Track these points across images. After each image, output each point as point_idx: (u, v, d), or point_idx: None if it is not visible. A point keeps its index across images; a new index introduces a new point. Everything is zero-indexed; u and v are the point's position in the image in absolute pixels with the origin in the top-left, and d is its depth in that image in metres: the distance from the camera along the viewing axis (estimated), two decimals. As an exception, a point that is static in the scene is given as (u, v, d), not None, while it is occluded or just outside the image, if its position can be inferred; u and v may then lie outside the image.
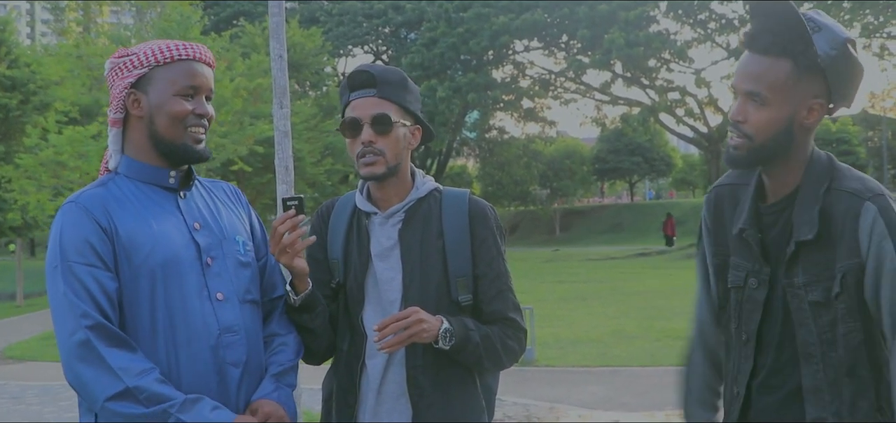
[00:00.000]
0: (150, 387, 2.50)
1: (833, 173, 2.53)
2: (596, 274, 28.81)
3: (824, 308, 2.48)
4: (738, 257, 2.65)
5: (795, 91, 2.45)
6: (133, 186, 2.72)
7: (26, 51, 33.94)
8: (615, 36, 41.46)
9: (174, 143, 2.69)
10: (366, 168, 2.86)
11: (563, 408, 9.51)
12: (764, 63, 2.45)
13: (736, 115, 2.50)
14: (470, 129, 56.23)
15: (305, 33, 40.05)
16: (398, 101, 2.90)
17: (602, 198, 79.97)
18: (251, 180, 31.54)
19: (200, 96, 2.72)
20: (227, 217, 2.86)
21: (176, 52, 2.70)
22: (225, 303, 2.72)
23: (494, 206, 3.34)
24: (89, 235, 2.59)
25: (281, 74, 6.20)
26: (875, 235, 2.41)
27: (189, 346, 2.64)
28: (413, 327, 2.71)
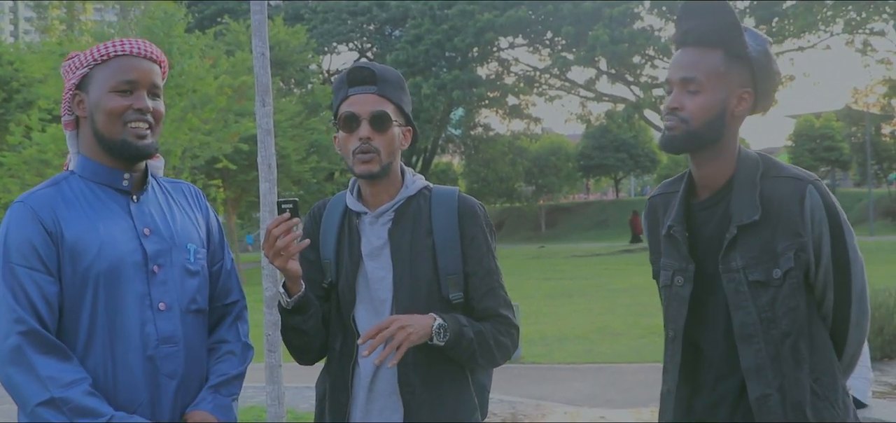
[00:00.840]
0: (77, 399, 2.48)
1: (766, 163, 2.70)
2: (581, 271, 28.84)
3: (764, 288, 2.60)
4: (667, 256, 2.79)
5: (727, 79, 2.63)
6: (86, 187, 2.70)
7: (9, 48, 33.77)
8: (599, 33, 41.59)
9: (114, 140, 2.66)
10: (362, 166, 2.86)
11: (549, 405, 9.51)
12: (698, 53, 2.63)
13: (672, 103, 2.66)
14: (455, 126, 56.23)
15: (290, 31, 40.02)
16: (396, 100, 2.92)
17: (587, 194, 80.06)
18: (236, 178, 31.56)
19: (140, 91, 2.68)
20: (180, 223, 2.82)
21: (112, 49, 2.69)
22: (166, 313, 2.69)
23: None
24: (33, 237, 2.57)
25: (263, 72, 6.16)
26: (816, 218, 2.59)
27: (125, 355, 2.62)
28: (397, 336, 2.69)
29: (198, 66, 20.89)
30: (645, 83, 46.33)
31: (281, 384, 6.33)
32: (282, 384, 6.34)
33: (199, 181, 26.74)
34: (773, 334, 2.59)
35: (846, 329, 2.70)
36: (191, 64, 19.98)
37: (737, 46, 2.63)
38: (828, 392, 2.62)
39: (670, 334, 2.79)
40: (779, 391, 2.58)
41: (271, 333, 6.23)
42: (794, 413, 2.57)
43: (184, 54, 19.63)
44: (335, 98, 2.98)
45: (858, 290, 2.68)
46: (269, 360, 6.28)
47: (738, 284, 2.62)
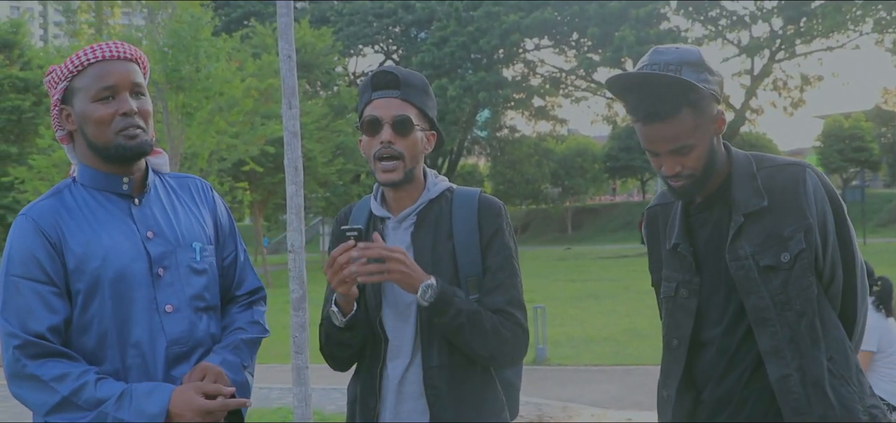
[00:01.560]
0: (89, 391, 2.49)
1: (757, 158, 2.79)
2: (608, 272, 28.73)
3: (774, 272, 2.64)
4: (670, 269, 2.85)
5: (703, 121, 2.67)
6: (87, 195, 2.69)
7: (39, 53, 34.13)
8: (625, 33, 41.48)
9: (107, 147, 2.63)
10: (385, 174, 2.85)
11: (576, 407, 9.52)
12: (672, 124, 2.65)
13: (671, 170, 2.70)
14: (481, 127, 56.24)
15: (316, 33, 40.15)
16: (419, 105, 2.90)
17: (614, 196, 79.77)
18: (262, 180, 31.69)
19: (122, 94, 2.64)
20: (185, 221, 2.80)
21: (85, 57, 2.65)
22: (174, 315, 2.68)
23: (506, 204, 3.30)
24: (36, 250, 2.57)
25: (290, 75, 6.17)
26: (818, 199, 2.68)
27: (136, 360, 2.61)
28: (391, 264, 2.68)
29: (224, 69, 20.97)
30: (671, 84, 46.17)
31: (308, 385, 6.34)
32: (309, 385, 6.34)
33: (225, 184, 26.94)
34: (787, 315, 2.63)
35: (855, 305, 2.78)
36: (218, 67, 20.05)
37: (693, 96, 2.65)
38: (842, 370, 2.66)
39: (674, 344, 2.84)
40: (798, 370, 2.62)
41: (298, 334, 6.23)
42: (815, 392, 2.61)
43: (211, 57, 19.69)
44: (360, 102, 2.97)
45: (859, 264, 2.79)
46: (295, 361, 6.28)
47: (747, 270, 2.66)
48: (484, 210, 2.93)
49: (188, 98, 19.20)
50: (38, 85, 30.67)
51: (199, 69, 19.34)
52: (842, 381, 2.64)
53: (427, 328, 2.84)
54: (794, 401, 2.61)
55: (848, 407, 2.63)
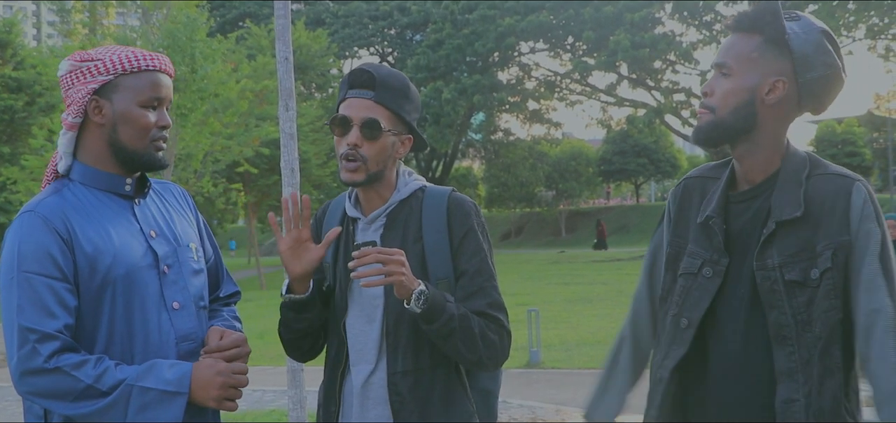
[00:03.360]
0: (110, 375, 2.51)
1: (813, 162, 2.59)
2: (601, 276, 28.70)
3: (801, 288, 2.49)
4: (696, 245, 2.65)
5: (759, 64, 2.54)
6: (89, 194, 2.68)
7: (32, 52, 34.10)
8: (621, 37, 41.47)
9: (137, 152, 2.67)
10: (346, 173, 2.80)
11: (569, 410, 9.51)
12: (735, 38, 2.59)
13: (705, 88, 2.62)
14: (475, 130, 56.25)
15: (311, 35, 40.20)
16: (394, 107, 2.82)
17: (607, 200, 79.87)
18: (257, 182, 31.71)
19: (162, 107, 2.71)
20: (180, 224, 2.84)
21: (143, 61, 2.67)
22: (181, 311, 2.71)
23: (500, 207, 3.28)
24: (49, 246, 2.55)
25: (287, 76, 6.17)
26: (865, 215, 2.47)
27: (145, 357, 2.62)
28: (392, 267, 2.61)
29: (220, 70, 20.98)
30: (666, 88, 46.14)
31: (302, 387, 6.33)
32: (303, 387, 6.34)
33: (220, 185, 26.93)
34: (806, 337, 2.48)
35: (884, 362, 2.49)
36: (213, 68, 20.06)
37: (774, 31, 2.54)
38: (855, 409, 2.53)
39: (683, 323, 2.64)
40: (806, 397, 2.46)
41: None
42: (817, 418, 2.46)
43: (206, 59, 19.70)
44: (338, 98, 2.93)
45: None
46: (290, 364, 6.28)
47: (773, 282, 2.50)
48: (454, 211, 2.86)
49: (183, 99, 19.18)
50: (31, 85, 30.62)
51: (194, 70, 19.35)
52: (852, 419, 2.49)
53: (393, 333, 2.80)
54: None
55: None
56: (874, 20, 41.49)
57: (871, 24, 41.71)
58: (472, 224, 2.85)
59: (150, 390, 2.51)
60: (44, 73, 29.11)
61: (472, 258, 2.82)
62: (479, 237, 2.86)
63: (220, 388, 2.59)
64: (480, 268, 2.82)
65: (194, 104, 19.68)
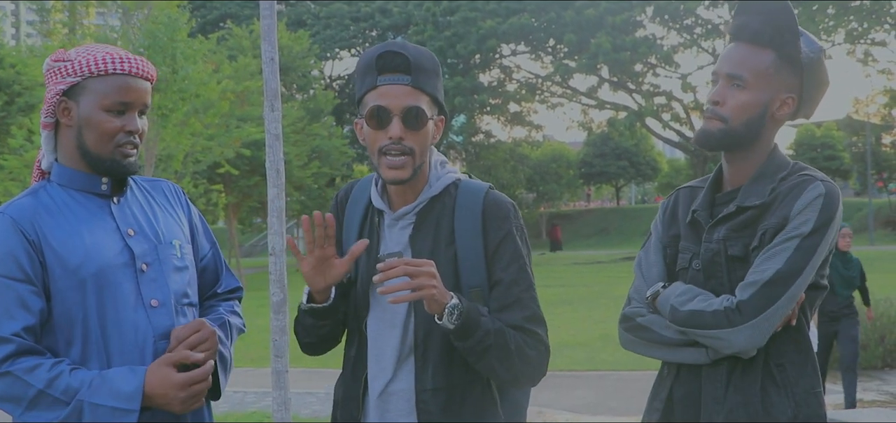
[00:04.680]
0: (63, 381, 2.46)
1: (796, 167, 2.65)
2: (582, 278, 28.86)
3: (741, 263, 2.58)
4: (686, 241, 2.73)
5: (774, 81, 2.59)
6: (65, 194, 2.66)
7: (11, 52, 33.80)
8: (602, 40, 41.71)
9: (101, 158, 2.62)
10: (391, 172, 2.54)
11: (551, 412, 9.54)
12: (749, 50, 2.59)
13: (715, 96, 2.62)
14: (456, 132, 56.23)
15: (293, 36, 40.11)
16: (431, 91, 2.60)
17: (588, 202, 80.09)
18: (238, 183, 31.60)
19: (132, 112, 2.63)
20: (163, 221, 2.79)
21: (111, 64, 2.60)
22: (160, 309, 2.66)
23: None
24: (14, 248, 2.53)
25: (272, 77, 6.12)
26: (810, 207, 2.51)
27: (122, 355, 2.58)
28: (423, 279, 2.39)
29: (201, 71, 20.91)
30: (647, 91, 46.43)
31: (287, 389, 6.28)
32: (288, 389, 6.29)
33: (200, 186, 26.83)
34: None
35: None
36: (194, 69, 20.00)
37: (790, 50, 2.58)
38: (785, 378, 2.59)
39: None
40: (729, 361, 2.59)
41: (278, 338, 6.17)
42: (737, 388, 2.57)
43: (187, 59, 19.63)
44: (360, 84, 2.64)
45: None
46: (275, 365, 6.21)
47: (715, 254, 2.62)
48: (490, 212, 2.62)
49: (164, 99, 19.09)
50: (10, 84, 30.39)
51: (175, 71, 19.26)
52: (777, 388, 2.57)
53: (423, 346, 2.59)
54: (715, 390, 2.59)
55: (770, 413, 2.55)
56: (853, 25, 41.87)
57: (851, 28, 42.09)
58: (510, 228, 2.62)
59: (100, 406, 2.46)
60: (23, 72, 28.92)
61: (509, 266, 2.59)
62: (517, 243, 2.63)
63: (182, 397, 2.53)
64: (517, 277, 2.59)
65: (175, 105, 19.59)
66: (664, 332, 2.65)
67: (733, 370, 2.58)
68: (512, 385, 2.67)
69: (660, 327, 2.67)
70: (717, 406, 2.58)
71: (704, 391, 2.62)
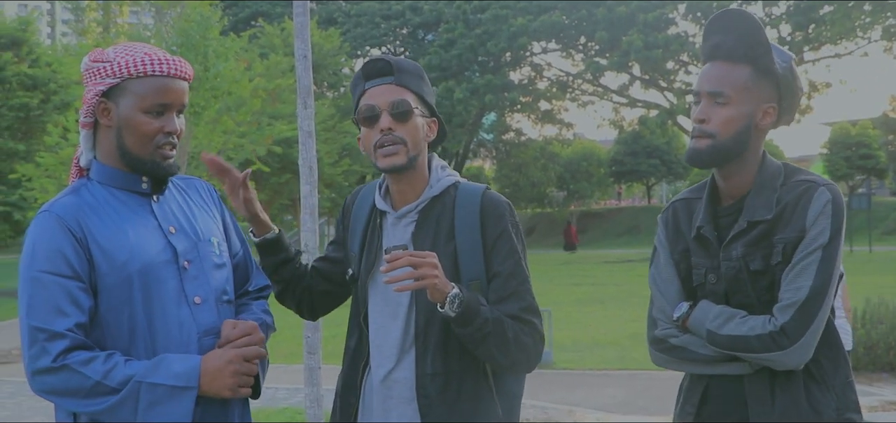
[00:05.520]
0: (119, 371, 2.50)
1: (789, 171, 2.76)
2: (613, 277, 28.77)
3: (762, 275, 2.68)
4: (697, 256, 2.83)
5: (754, 93, 2.70)
6: (106, 192, 2.68)
7: (47, 50, 34.27)
8: (633, 38, 41.51)
9: (141, 159, 2.65)
10: (385, 159, 2.74)
11: (582, 411, 9.56)
12: (726, 67, 2.70)
13: (699, 115, 2.72)
14: (487, 130, 56.27)
15: (324, 34, 40.29)
16: (416, 89, 2.81)
17: (619, 201, 79.76)
18: (269, 181, 31.76)
19: (171, 113, 2.66)
20: (201, 219, 2.83)
21: (150, 66, 2.62)
22: (203, 306, 2.70)
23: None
24: (62, 245, 2.56)
25: (305, 74, 6.20)
26: (822, 214, 2.62)
27: (167, 351, 2.61)
28: (425, 270, 2.55)
29: (233, 68, 21.00)
30: (678, 89, 46.14)
31: (320, 386, 6.38)
32: (321, 386, 6.38)
33: (232, 183, 26.91)
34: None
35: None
36: (226, 67, 20.09)
37: (764, 62, 2.69)
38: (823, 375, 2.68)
39: None
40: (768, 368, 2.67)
41: (311, 335, 6.30)
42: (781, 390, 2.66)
43: (219, 57, 19.71)
44: (354, 96, 2.89)
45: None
46: (308, 362, 6.35)
47: (737, 271, 2.71)
48: (488, 210, 2.80)
49: (196, 97, 19.15)
50: (46, 82, 30.76)
51: (207, 69, 19.31)
52: (818, 385, 2.65)
53: (423, 334, 2.75)
54: (761, 393, 2.66)
55: (817, 410, 2.64)
56: (891, 21, 41.45)
57: (888, 25, 41.67)
58: (506, 225, 2.78)
59: (158, 386, 2.51)
60: (59, 70, 29.23)
61: (506, 260, 2.75)
62: (513, 239, 2.79)
63: (232, 375, 2.59)
64: (514, 271, 2.75)
65: (207, 102, 19.66)
66: (701, 350, 2.74)
67: (776, 373, 2.66)
68: (509, 371, 2.80)
69: (696, 346, 2.76)
70: (766, 409, 2.65)
71: (749, 394, 2.69)
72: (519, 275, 2.77)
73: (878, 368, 10.77)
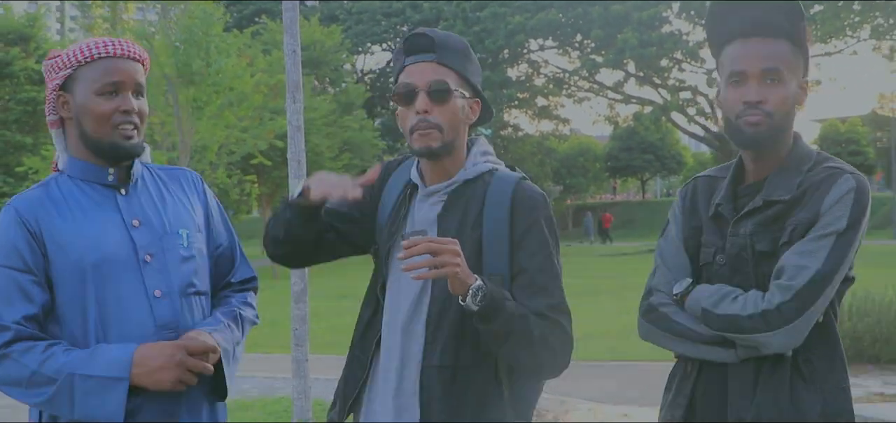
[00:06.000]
0: (57, 360, 2.51)
1: (820, 158, 2.61)
2: (607, 269, 28.64)
3: (768, 258, 2.53)
4: (710, 235, 2.66)
5: (795, 69, 2.56)
6: (74, 186, 2.68)
7: (55, 46, 34.37)
8: (628, 36, 41.70)
9: (102, 142, 2.64)
10: (419, 141, 2.57)
11: (573, 401, 9.48)
12: (770, 44, 2.53)
13: (755, 96, 2.51)
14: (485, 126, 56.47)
15: (325, 31, 40.37)
16: (458, 69, 2.62)
17: (614, 195, 79.93)
18: (271, 174, 31.80)
19: (125, 92, 2.64)
20: (172, 210, 2.78)
21: (96, 50, 2.63)
22: (163, 300, 2.65)
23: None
24: (16, 239, 2.57)
25: (294, 69, 6.14)
26: (840, 202, 2.46)
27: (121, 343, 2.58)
28: (446, 257, 2.34)
29: (235, 64, 21.16)
30: (672, 86, 46.38)
31: (307, 378, 6.33)
32: (308, 378, 6.34)
33: (234, 177, 27.11)
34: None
35: None
36: (228, 62, 20.29)
37: (800, 37, 2.55)
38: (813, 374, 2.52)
39: None
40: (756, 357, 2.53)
41: (298, 327, 6.24)
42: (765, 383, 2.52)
43: (221, 53, 19.89)
44: (394, 69, 2.71)
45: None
46: (295, 354, 6.29)
47: (742, 248, 2.56)
48: (519, 202, 2.60)
49: (199, 92, 19.41)
50: (52, 77, 30.97)
51: (209, 64, 19.43)
52: (806, 384, 2.51)
53: (435, 324, 2.57)
54: (743, 387, 2.53)
55: (800, 409, 2.49)
56: (879, 21, 41.56)
57: (876, 24, 41.78)
58: (538, 217, 2.59)
59: (90, 377, 2.49)
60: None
61: (535, 255, 2.55)
62: (545, 232, 2.58)
63: (172, 367, 2.54)
64: (543, 265, 2.56)
65: (209, 97, 19.85)
66: (694, 326, 2.57)
67: (761, 367, 2.51)
68: (534, 373, 2.62)
69: (687, 321, 2.60)
70: (745, 404, 2.51)
71: (731, 388, 2.54)
72: (549, 270, 2.57)
73: (864, 360, 10.59)
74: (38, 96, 30.88)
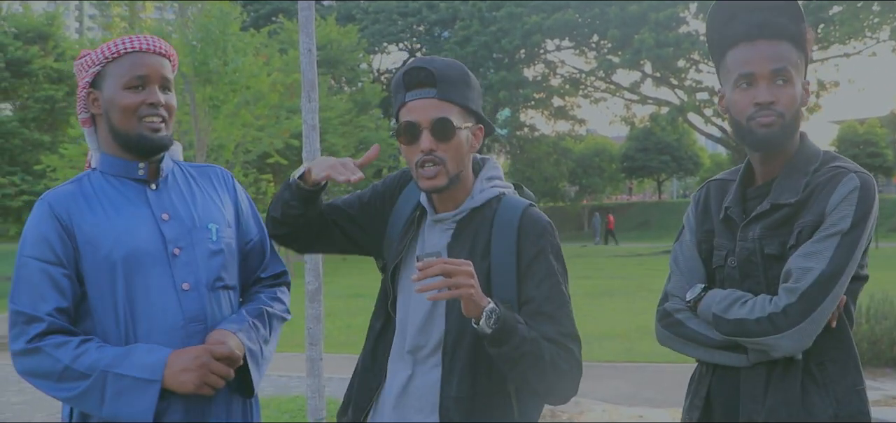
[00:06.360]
0: (90, 357, 2.55)
1: (827, 158, 2.62)
2: (622, 270, 28.51)
3: (777, 261, 2.53)
4: (721, 237, 2.69)
5: (799, 68, 2.58)
6: (105, 182, 2.73)
7: (73, 44, 34.53)
8: (645, 36, 41.65)
9: (130, 135, 2.69)
10: (426, 181, 2.56)
11: (588, 403, 9.44)
12: (776, 45, 2.54)
13: (766, 97, 2.52)
14: (501, 126, 56.43)
15: (342, 30, 40.42)
16: (460, 101, 2.59)
17: (630, 195, 79.80)
18: (287, 173, 31.62)
19: (151, 86, 2.70)
20: (202, 205, 2.82)
21: (122, 46, 2.70)
22: (191, 292, 2.69)
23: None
24: (48, 232, 2.62)
25: (309, 68, 6.16)
26: (845, 201, 2.46)
27: (149, 337, 2.63)
28: (461, 279, 2.34)
29: (251, 63, 21.19)
30: (689, 87, 46.31)
31: (321, 377, 6.35)
32: (322, 376, 6.36)
33: (250, 175, 27.21)
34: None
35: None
36: (245, 61, 20.31)
37: (802, 39, 2.58)
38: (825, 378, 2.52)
39: None
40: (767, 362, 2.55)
41: (313, 326, 6.26)
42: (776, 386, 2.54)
43: (238, 52, 19.88)
44: (394, 101, 2.68)
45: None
46: (310, 353, 6.31)
47: (751, 253, 2.58)
48: (525, 229, 2.60)
49: (215, 91, 19.40)
50: (71, 76, 31.12)
51: (226, 63, 19.40)
52: (818, 387, 2.51)
53: (451, 353, 2.57)
54: (754, 390, 2.54)
55: (811, 412, 2.49)
56: (899, 22, 41.43)
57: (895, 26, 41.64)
58: (544, 246, 2.58)
59: (124, 377, 2.53)
60: (84, 64, 29.52)
61: (542, 284, 2.55)
62: (551, 260, 2.58)
63: (196, 370, 2.58)
64: (550, 294, 2.54)
65: (226, 96, 19.83)
66: (707, 332, 2.60)
67: (773, 370, 2.52)
68: (544, 398, 2.62)
69: (700, 326, 2.63)
70: (756, 406, 2.53)
71: (743, 390, 2.56)
72: (556, 299, 2.55)
73: (882, 363, 10.56)
74: (56, 95, 31.07)
